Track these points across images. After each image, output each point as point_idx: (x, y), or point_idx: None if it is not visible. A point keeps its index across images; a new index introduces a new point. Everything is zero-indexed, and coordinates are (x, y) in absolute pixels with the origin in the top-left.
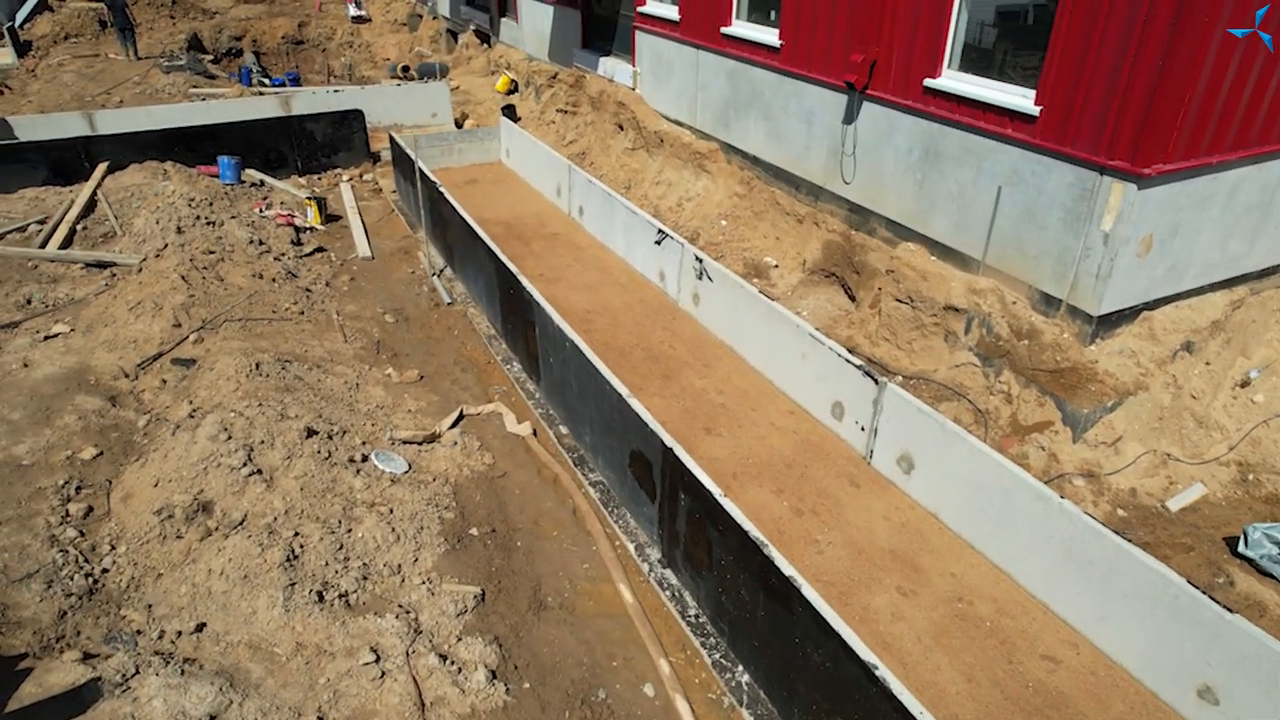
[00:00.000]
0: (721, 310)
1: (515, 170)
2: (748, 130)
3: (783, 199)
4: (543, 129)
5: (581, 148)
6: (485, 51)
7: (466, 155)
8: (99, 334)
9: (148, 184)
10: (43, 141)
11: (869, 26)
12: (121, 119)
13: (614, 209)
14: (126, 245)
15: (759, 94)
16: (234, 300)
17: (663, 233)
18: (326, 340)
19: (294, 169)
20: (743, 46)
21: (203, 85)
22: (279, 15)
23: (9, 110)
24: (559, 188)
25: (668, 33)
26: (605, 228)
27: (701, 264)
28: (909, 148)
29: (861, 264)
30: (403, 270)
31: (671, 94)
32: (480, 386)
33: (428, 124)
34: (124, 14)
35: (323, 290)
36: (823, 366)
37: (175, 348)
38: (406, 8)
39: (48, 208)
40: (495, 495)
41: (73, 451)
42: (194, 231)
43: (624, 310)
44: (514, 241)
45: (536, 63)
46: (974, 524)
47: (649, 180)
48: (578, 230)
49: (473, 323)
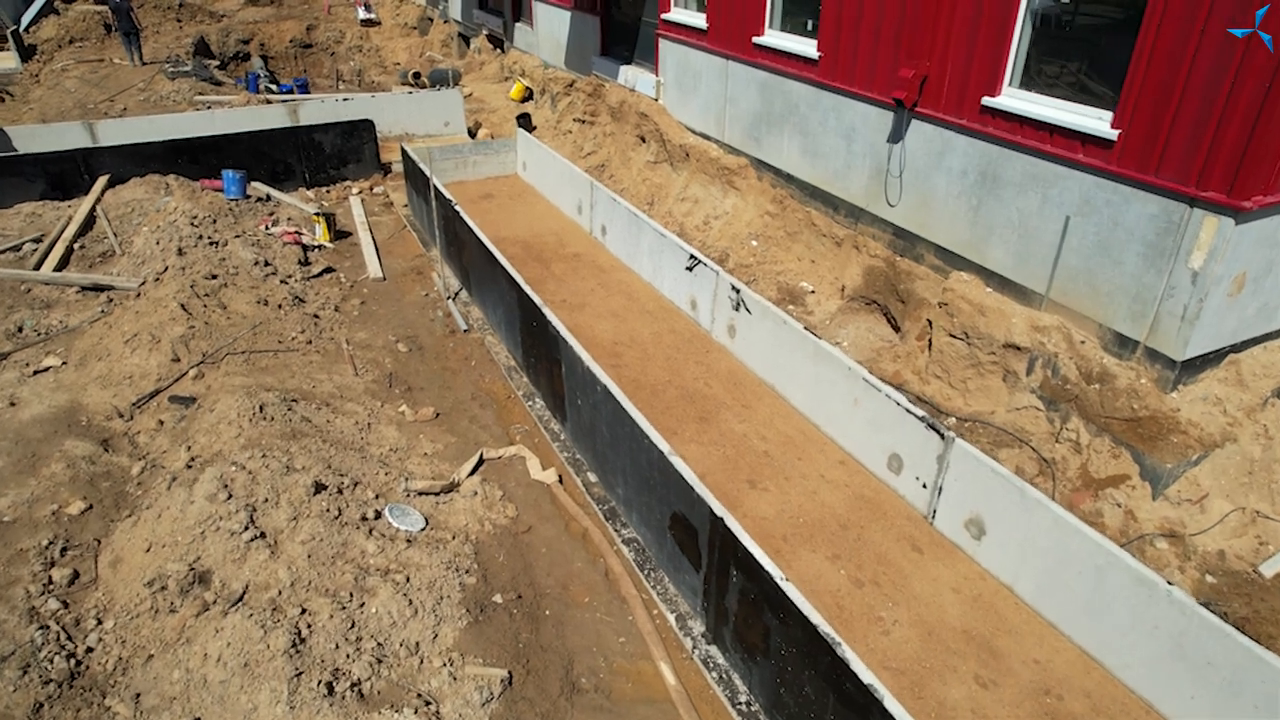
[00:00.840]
0: (761, 345)
1: (533, 184)
2: (781, 146)
3: (819, 219)
4: (559, 139)
5: (600, 160)
6: (499, 57)
7: (482, 168)
8: (92, 368)
9: (149, 199)
10: (41, 154)
11: (920, 40)
12: (124, 129)
13: (640, 230)
14: (125, 266)
15: (794, 108)
16: (237, 331)
17: (695, 258)
18: (336, 373)
19: (302, 181)
20: (777, 58)
21: (208, 92)
22: (287, 18)
23: (9, 119)
24: (580, 205)
25: (694, 41)
26: (631, 249)
27: (739, 294)
28: (963, 170)
29: (907, 292)
30: (416, 293)
31: (698, 106)
32: (500, 425)
33: (440, 133)
34: (129, 18)
35: (331, 316)
36: (878, 414)
37: (174, 384)
38: (417, 11)
39: (44, 224)
40: (520, 554)
41: (59, 506)
42: (196, 252)
43: (654, 342)
44: (533, 263)
45: (552, 70)
46: (1058, 602)
47: (673, 196)
48: (600, 251)
49: (491, 352)
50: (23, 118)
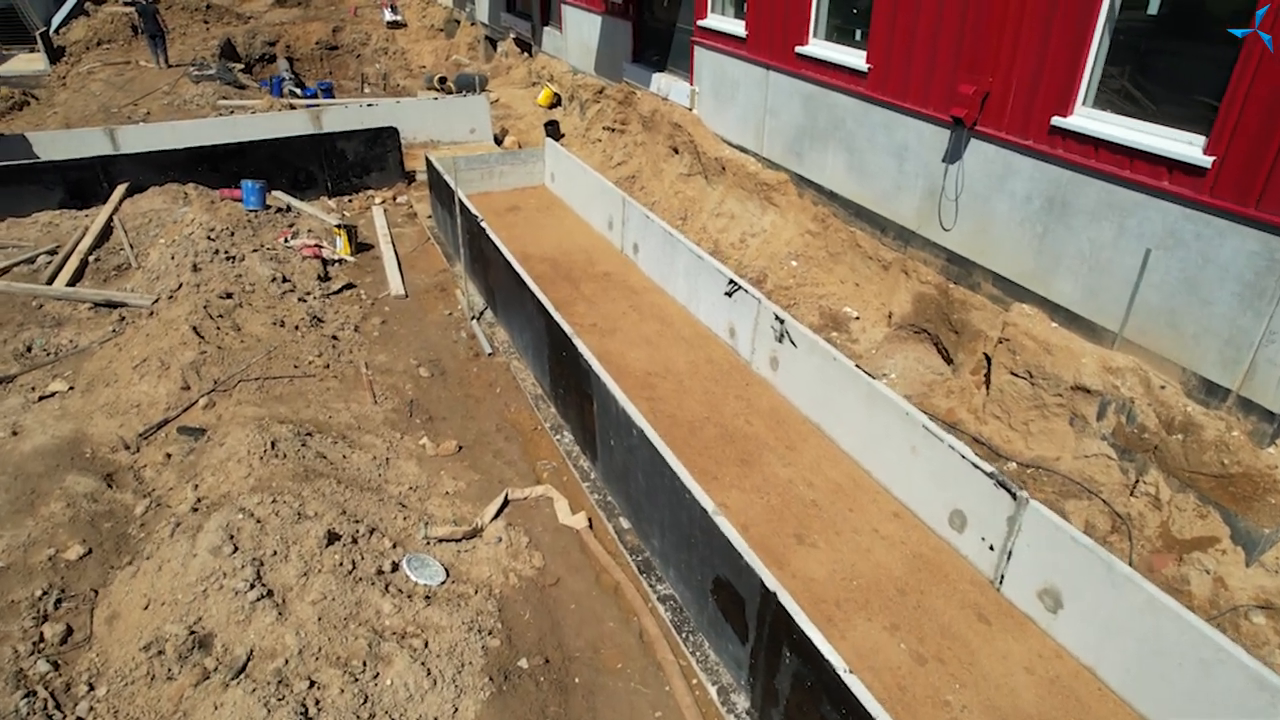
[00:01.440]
0: (807, 381)
1: (561, 196)
2: (824, 162)
3: (864, 241)
4: (587, 148)
5: (631, 170)
6: (526, 61)
7: (508, 179)
8: (99, 395)
9: (167, 209)
10: (60, 161)
11: (983, 53)
12: (145, 135)
13: (675, 250)
14: (140, 282)
15: (840, 123)
16: (251, 355)
17: (734, 283)
18: (354, 400)
19: (324, 190)
20: (822, 69)
21: (232, 96)
22: (313, 20)
23: (34, 123)
24: (611, 220)
25: (732, 50)
26: (665, 270)
27: (783, 325)
28: (1028, 195)
29: (961, 323)
30: (439, 311)
31: (735, 117)
32: (526, 460)
33: (466, 140)
34: (155, 20)
35: (350, 337)
36: (940, 465)
37: (183, 414)
38: (444, 13)
39: (61, 234)
40: (547, 611)
41: (57, 550)
42: (211, 268)
43: (690, 373)
44: (562, 282)
45: (581, 76)
46: (1153, 693)
47: (708, 211)
48: (632, 270)
49: (516, 378)
50: (47, 122)
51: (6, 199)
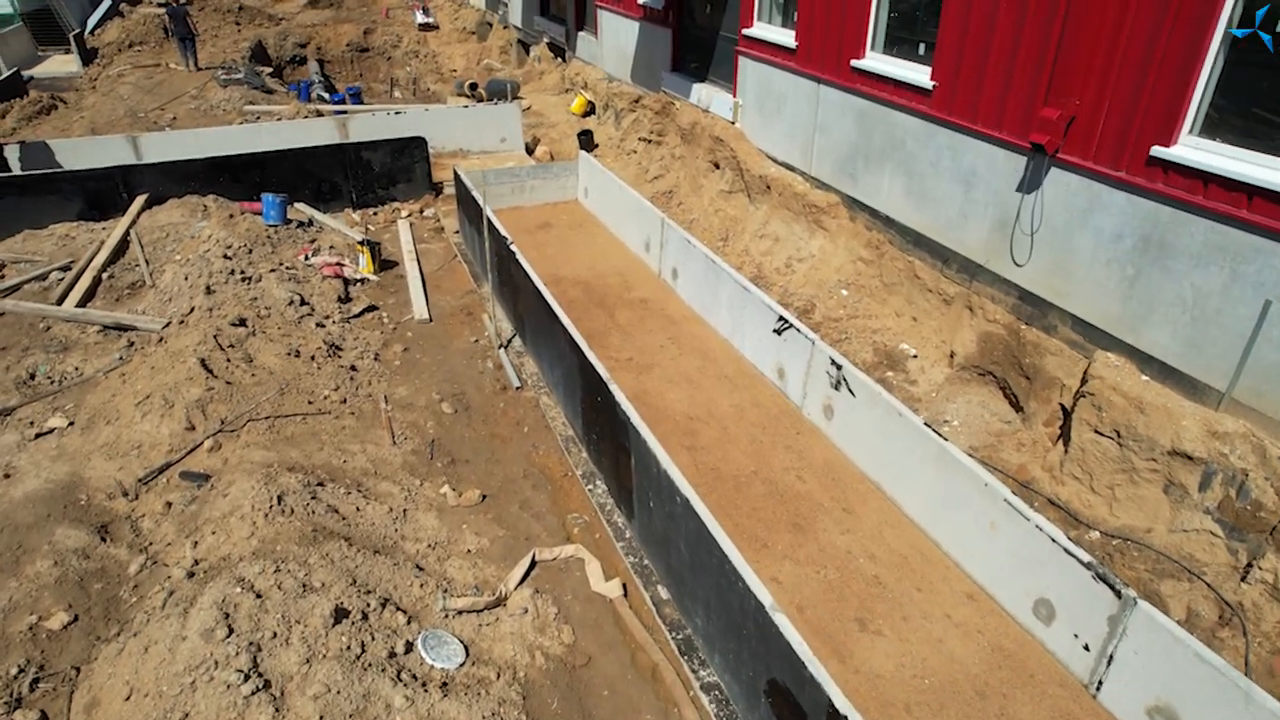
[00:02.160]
0: (866, 434)
1: (595, 213)
2: (880, 185)
3: (924, 272)
4: (622, 159)
5: (668, 185)
6: (559, 67)
7: (540, 193)
8: (99, 433)
9: (185, 223)
10: (79, 171)
11: (1070, 73)
12: (168, 143)
13: (719, 279)
14: (152, 303)
15: (899, 143)
16: (263, 391)
17: (784, 321)
18: (371, 441)
19: (349, 201)
20: (880, 85)
21: (259, 101)
22: (345, 22)
23: (60, 128)
24: (648, 242)
25: (780, 61)
26: (707, 300)
27: (840, 372)
28: (1118, 233)
29: (1034, 368)
30: (464, 338)
31: (781, 133)
32: (555, 513)
33: (496, 149)
34: (185, 22)
35: (370, 368)
36: (1024, 545)
37: (187, 456)
38: (476, 15)
39: (76, 248)
40: (577, 698)
41: (39, 617)
42: (226, 291)
43: (734, 417)
44: (595, 309)
45: (617, 84)
46: None
47: (750, 232)
48: (670, 297)
49: (546, 415)
50: (73, 127)
51: (25, 210)
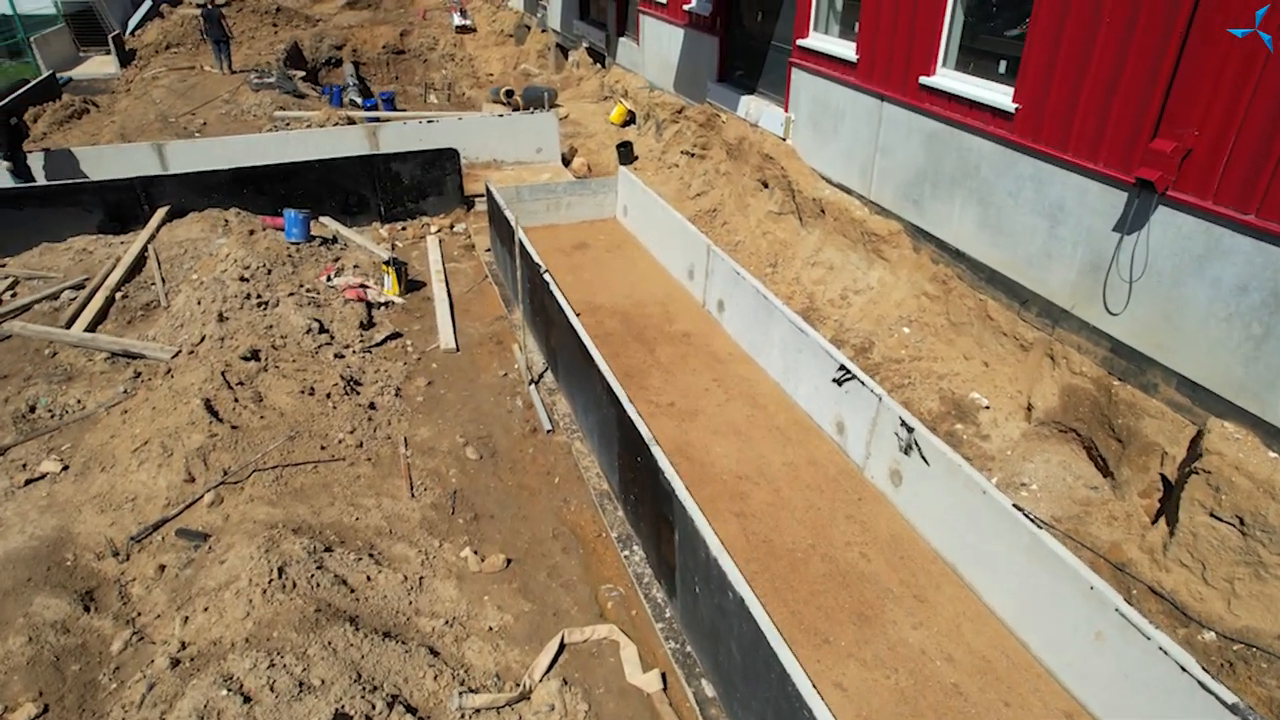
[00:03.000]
0: (941, 509)
1: (634, 233)
2: (949, 214)
3: (998, 313)
4: (663, 173)
5: (712, 203)
6: (599, 73)
7: (577, 210)
8: (93, 481)
9: (204, 239)
10: (99, 182)
11: (1188, 101)
12: (193, 152)
13: (770, 317)
14: (164, 328)
15: (973, 170)
16: (272, 435)
17: (846, 371)
18: (387, 493)
19: (376, 215)
20: (952, 105)
21: (290, 106)
22: (381, 23)
23: (91, 132)
24: (692, 269)
25: (838, 75)
26: (756, 338)
27: (911, 435)
28: (1242, 285)
29: (1129, 431)
30: (493, 370)
31: (837, 152)
32: (587, 582)
33: (532, 160)
34: (219, 25)
35: (390, 405)
36: (1142, 669)
37: (185, 511)
38: (514, 17)
39: (93, 264)
40: None
41: (4, 708)
42: (240, 318)
43: (788, 477)
44: (634, 344)
45: (659, 93)
46: None
47: (802, 259)
48: (716, 331)
49: (578, 464)
50: (103, 132)
51: (44, 222)
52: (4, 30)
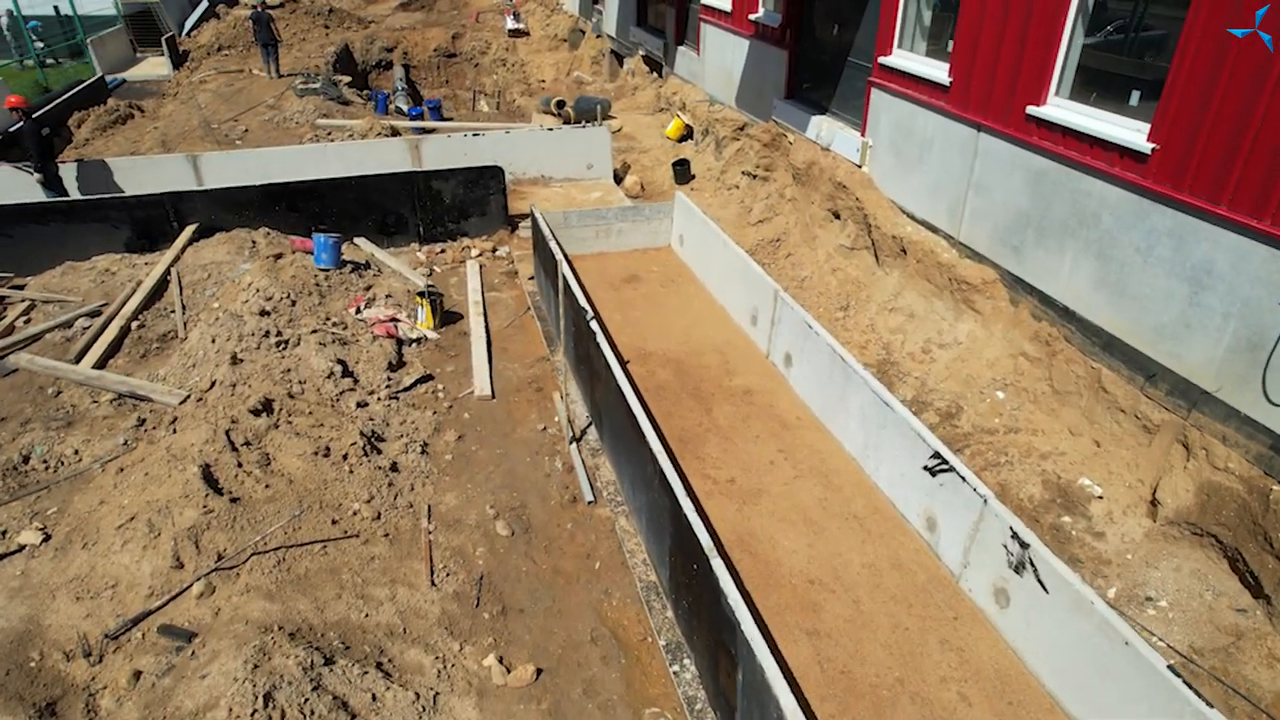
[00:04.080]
0: (1062, 647)
1: (690, 265)
2: (1058, 266)
3: (1116, 386)
4: (721, 195)
5: (776, 231)
6: (655, 83)
7: (628, 238)
8: (72, 560)
9: (229, 262)
10: (128, 198)
11: None
12: (228, 164)
13: (848, 381)
14: (175, 367)
15: (1091, 218)
16: (277, 508)
17: (941, 460)
18: (404, 580)
19: (415, 235)
20: (1066, 141)
21: (333, 114)
22: (434, 26)
23: (133, 138)
24: (755, 314)
25: (927, 99)
26: (830, 402)
27: (1026, 551)
28: None
29: None
30: (531, 423)
31: (922, 185)
32: (629, 701)
33: (582, 177)
34: (269, 29)
35: (414, 465)
36: None
37: (169, 603)
38: (568, 22)
39: (114, 287)
40: None
41: None
42: (256, 360)
43: (869, 584)
44: (688, 400)
45: (719, 107)
46: None
47: (878, 303)
48: (781, 389)
49: (622, 545)
50: (144, 139)
51: (70, 238)
52: (67, 31)
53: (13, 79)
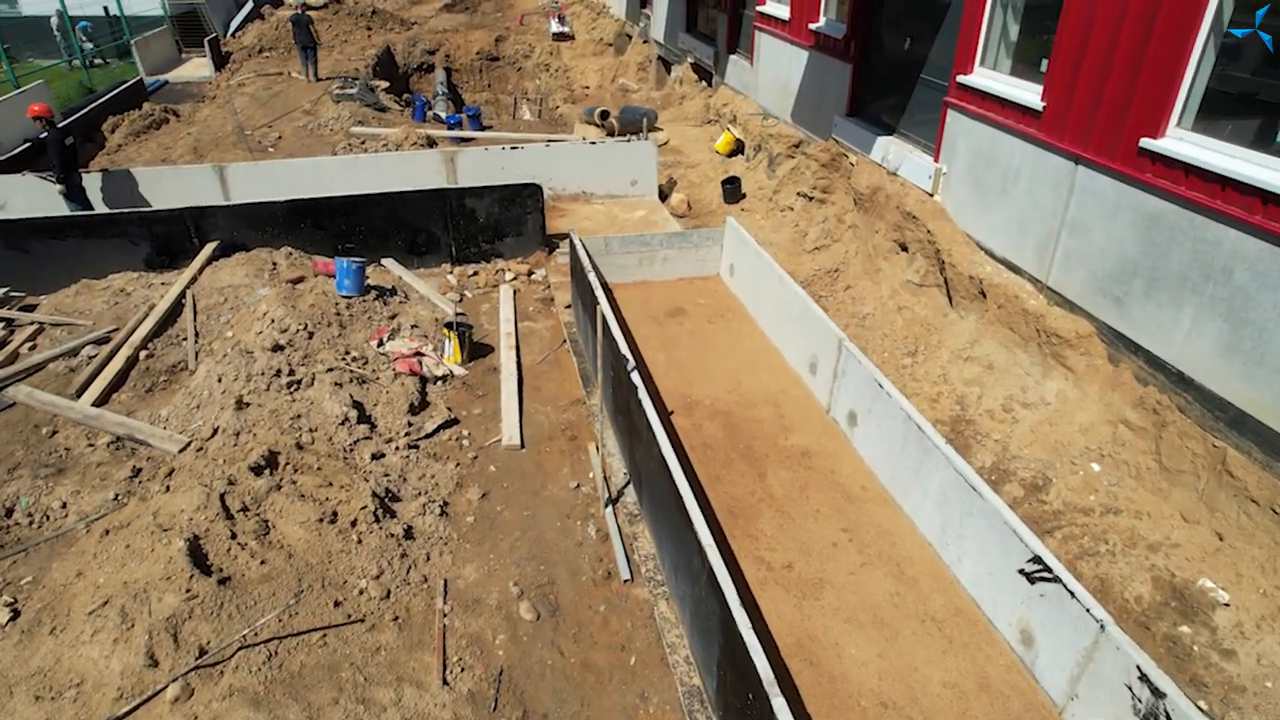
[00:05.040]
0: None
1: (741, 299)
2: (1173, 323)
3: (1246, 471)
4: (774, 217)
5: (834, 260)
6: (704, 92)
7: (674, 265)
8: (38, 647)
9: (247, 286)
10: (147, 213)
11: None
12: (255, 175)
13: (926, 456)
14: (179, 406)
15: (1220, 273)
16: (272, 588)
17: (1043, 565)
18: (411, 677)
19: (447, 255)
20: (1190, 181)
21: (369, 120)
22: (477, 28)
23: (166, 144)
24: (815, 362)
25: (1013, 125)
26: (902, 475)
27: (1162, 702)
28: None
29: None
30: (563, 479)
31: (1006, 220)
32: None
33: (625, 194)
34: (307, 31)
35: (432, 530)
36: None
37: (139, 708)
38: (615, 26)
39: (127, 309)
40: None
41: None
42: (264, 404)
43: (954, 713)
44: (739, 462)
45: (774, 122)
46: None
47: (950, 350)
48: (844, 452)
49: (662, 636)
50: (177, 145)
51: (88, 254)
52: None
53: (60, 79)
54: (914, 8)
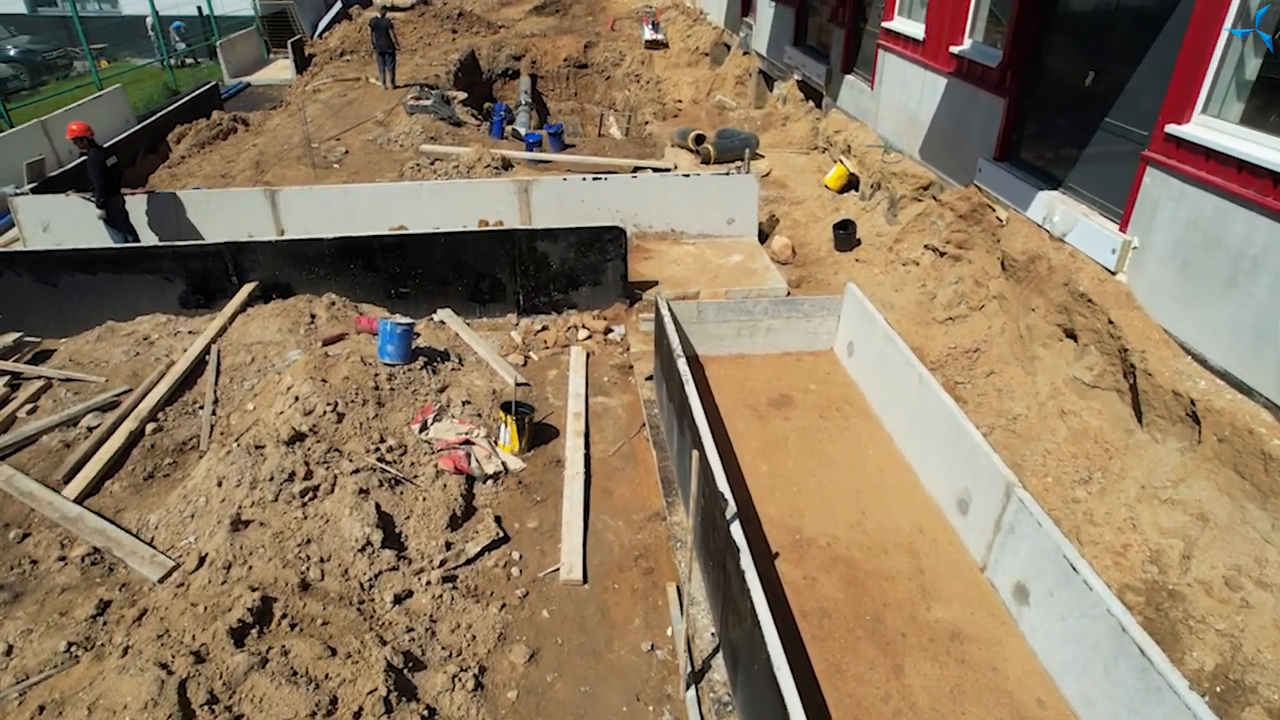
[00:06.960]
0: None
1: (860, 385)
2: None
3: None
4: (894, 273)
5: (972, 336)
6: (811, 114)
7: (779, 337)
8: None
9: (278, 343)
10: (180, 248)
11: None
12: (309, 201)
13: (1146, 684)
14: (173, 510)
15: None
16: None
17: None
18: None
19: (514, 305)
20: None
21: (442, 137)
22: (566, 33)
23: (229, 157)
24: (966, 501)
25: (1254, 198)
26: (1100, 697)
27: None
28: None
29: None
30: (633, 634)
31: (1233, 321)
32: None
33: (720, 234)
34: (386, 35)
35: (462, 715)
36: None
37: None
38: (712, 34)
39: (147, 362)
40: None
41: None
42: (267, 523)
43: None
44: (864, 640)
45: (896, 157)
46: None
47: (1139, 483)
48: (1010, 639)
49: None
50: (240, 158)
51: (119, 292)
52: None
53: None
54: (1102, 32)
